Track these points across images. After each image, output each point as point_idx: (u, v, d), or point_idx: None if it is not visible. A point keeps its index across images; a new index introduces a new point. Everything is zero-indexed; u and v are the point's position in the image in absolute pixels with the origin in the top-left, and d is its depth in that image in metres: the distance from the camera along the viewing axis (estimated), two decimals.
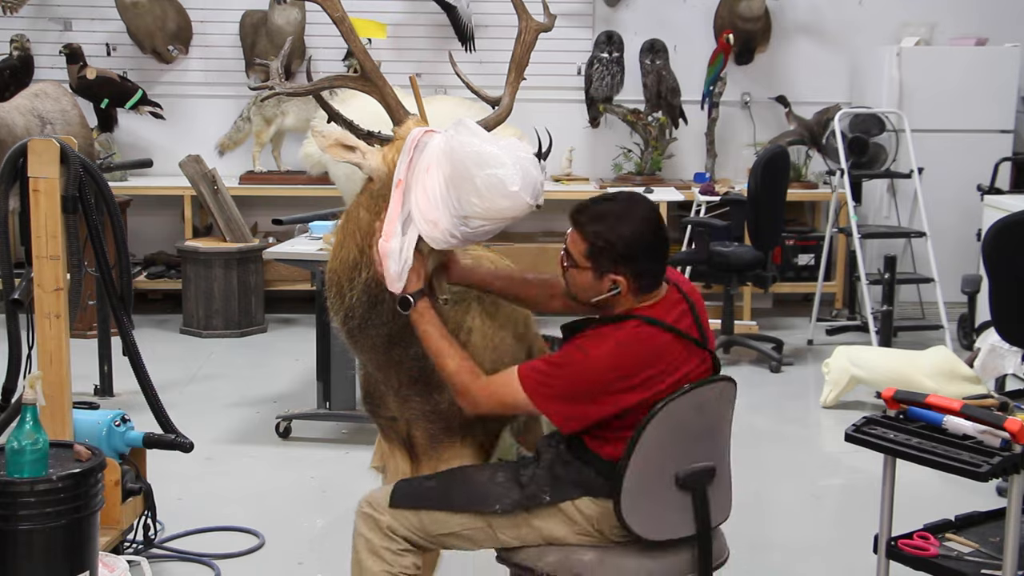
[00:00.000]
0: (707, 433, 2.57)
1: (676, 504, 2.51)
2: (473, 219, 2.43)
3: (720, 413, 2.60)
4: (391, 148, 2.57)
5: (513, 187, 2.40)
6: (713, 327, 6.23)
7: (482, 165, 2.40)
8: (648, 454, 2.45)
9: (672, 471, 2.49)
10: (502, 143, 2.45)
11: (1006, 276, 3.99)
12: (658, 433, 2.45)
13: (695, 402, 2.50)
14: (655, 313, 2.50)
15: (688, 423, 2.50)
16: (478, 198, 2.41)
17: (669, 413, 2.44)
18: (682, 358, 2.50)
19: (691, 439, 2.52)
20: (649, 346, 2.47)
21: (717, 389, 2.57)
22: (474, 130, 2.47)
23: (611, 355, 2.44)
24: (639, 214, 2.50)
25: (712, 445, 2.58)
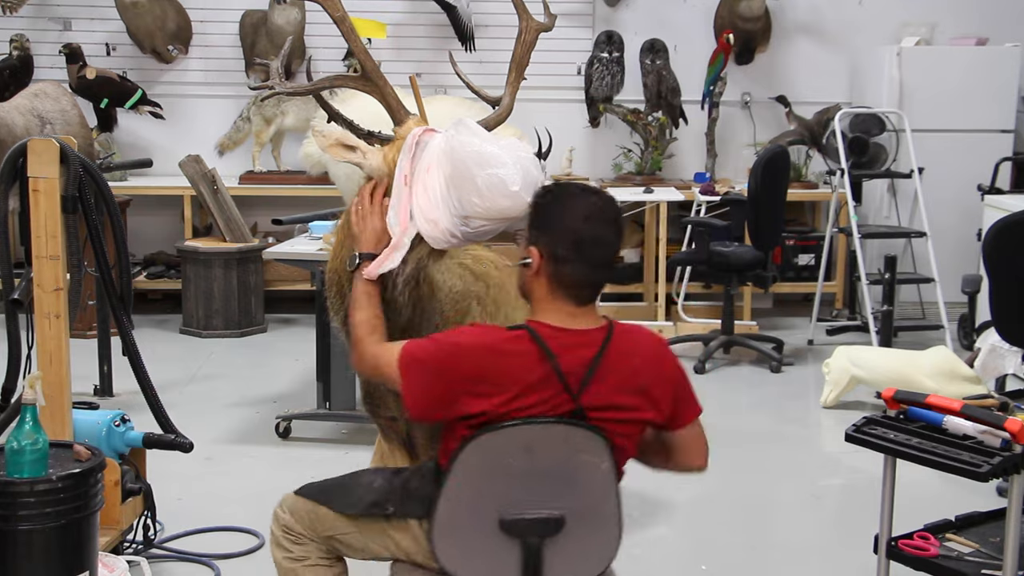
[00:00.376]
0: (550, 481, 2.30)
1: (501, 550, 2.30)
2: (474, 219, 2.44)
3: (574, 461, 2.30)
4: (391, 148, 2.57)
5: (514, 187, 2.40)
6: (713, 327, 6.33)
7: (483, 165, 2.40)
8: (462, 483, 2.28)
9: (494, 512, 2.29)
10: (502, 143, 2.45)
11: (1006, 276, 3.99)
12: (473, 464, 2.27)
13: (521, 441, 2.27)
14: (548, 334, 2.28)
15: (512, 464, 2.27)
16: (479, 198, 2.41)
17: (484, 446, 2.26)
18: (538, 386, 2.26)
19: (520, 482, 2.29)
20: (515, 363, 2.26)
21: (560, 434, 2.28)
22: (474, 130, 2.47)
23: (477, 351, 2.26)
24: (592, 204, 2.30)
25: (563, 496, 2.31)
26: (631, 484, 4.27)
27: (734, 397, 5.65)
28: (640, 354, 2.37)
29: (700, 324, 6.68)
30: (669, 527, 4.01)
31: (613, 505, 2.37)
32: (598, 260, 2.32)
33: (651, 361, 2.38)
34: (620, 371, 2.32)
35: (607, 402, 2.31)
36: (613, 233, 2.32)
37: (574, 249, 2.29)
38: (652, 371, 2.38)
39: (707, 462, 2.58)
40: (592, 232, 2.29)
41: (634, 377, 2.34)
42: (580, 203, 2.31)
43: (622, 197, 6.62)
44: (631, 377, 2.33)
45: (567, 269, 2.30)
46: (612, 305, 6.95)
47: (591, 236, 2.29)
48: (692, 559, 3.76)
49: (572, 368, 2.28)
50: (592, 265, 2.32)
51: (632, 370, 2.34)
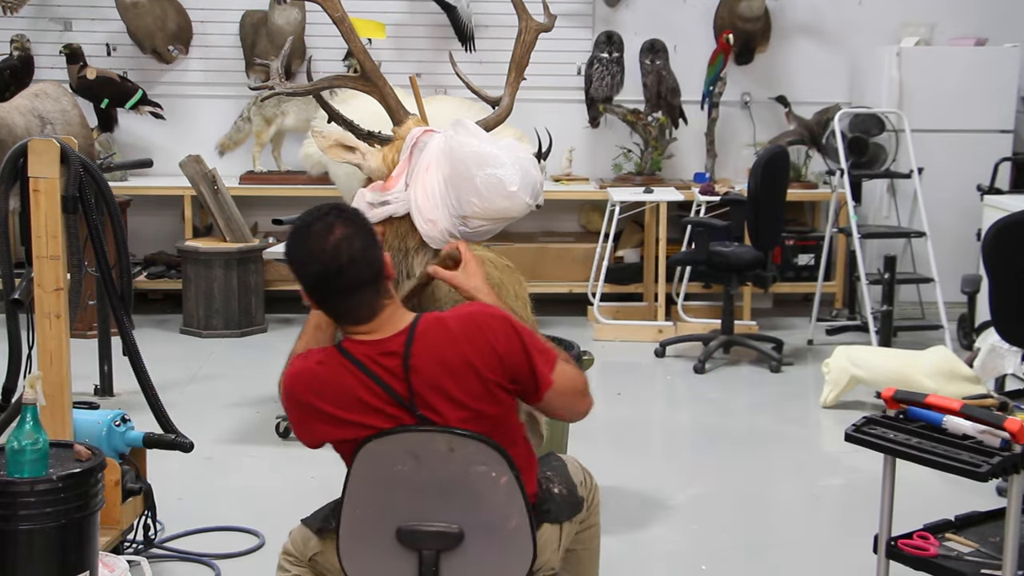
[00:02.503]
0: (443, 492, 2.26)
1: (398, 562, 2.29)
2: (472, 219, 2.44)
3: (466, 473, 2.25)
4: (391, 148, 2.58)
5: (512, 187, 2.40)
6: (713, 327, 6.33)
7: (482, 165, 2.40)
8: (359, 494, 2.29)
9: (392, 522, 2.27)
10: (501, 143, 2.46)
11: (1006, 276, 3.99)
12: (366, 472, 2.27)
13: (408, 448, 2.25)
14: (356, 349, 2.29)
15: (403, 471, 2.26)
16: (477, 198, 2.41)
17: (373, 453, 2.26)
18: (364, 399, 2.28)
19: (413, 492, 2.27)
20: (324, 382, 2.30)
21: (444, 442, 2.24)
22: (473, 130, 2.48)
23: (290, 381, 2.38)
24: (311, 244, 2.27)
25: (459, 509, 2.27)
26: (631, 484, 4.30)
27: (734, 397, 5.65)
28: (453, 341, 2.27)
29: (700, 324, 6.68)
30: (669, 527, 4.01)
31: (521, 523, 2.27)
32: (334, 285, 2.27)
33: (469, 344, 2.26)
34: (433, 372, 2.25)
35: (441, 408, 2.26)
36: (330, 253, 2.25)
37: (315, 288, 2.30)
38: (474, 355, 2.26)
39: (589, 408, 2.42)
40: (315, 271, 2.27)
41: (450, 374, 2.26)
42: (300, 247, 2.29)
43: (622, 197, 6.64)
44: (448, 373, 2.26)
45: (326, 305, 2.33)
46: (612, 305, 6.95)
47: (317, 273, 2.27)
48: (692, 559, 3.77)
49: (392, 381, 2.26)
50: (335, 297, 2.29)
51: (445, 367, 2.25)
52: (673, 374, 6.03)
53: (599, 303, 6.72)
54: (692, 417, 5.41)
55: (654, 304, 6.80)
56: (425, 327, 2.28)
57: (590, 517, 2.66)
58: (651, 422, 5.39)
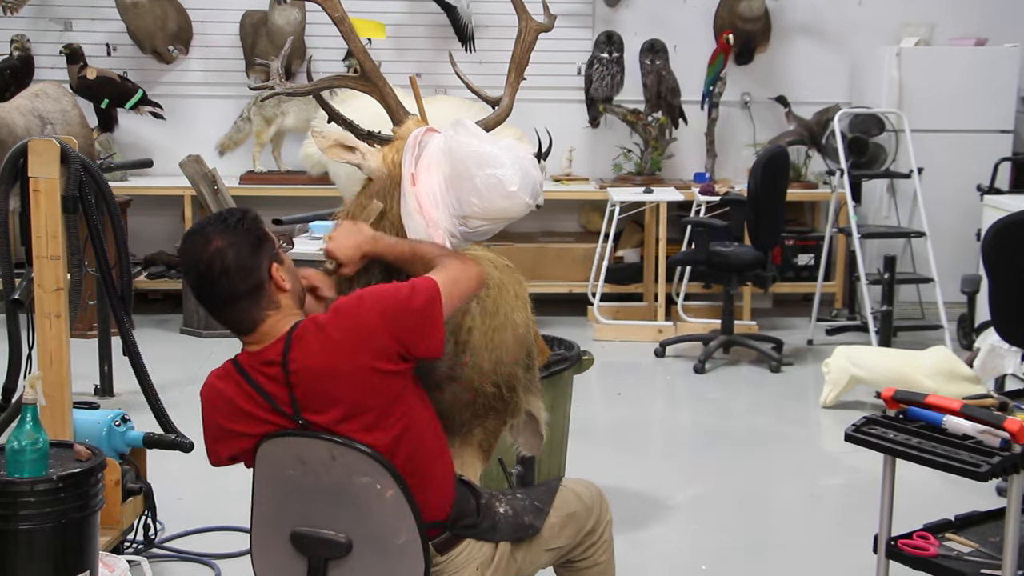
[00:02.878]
0: (331, 499, 2.26)
1: (290, 566, 2.30)
2: (472, 219, 2.44)
3: (350, 483, 2.23)
4: (391, 148, 2.57)
5: (512, 187, 2.40)
6: (713, 327, 6.34)
7: (481, 165, 2.40)
8: (261, 494, 2.32)
9: (288, 525, 2.29)
10: (501, 143, 2.45)
11: (1006, 276, 3.99)
12: (262, 473, 2.31)
13: (295, 453, 2.25)
14: (243, 359, 2.32)
15: (292, 475, 2.26)
16: (477, 198, 2.41)
17: (267, 455, 2.29)
18: (247, 410, 2.28)
19: (303, 496, 2.27)
20: (219, 395, 2.32)
21: (326, 450, 2.22)
22: (473, 130, 2.48)
23: (201, 396, 2.37)
24: (190, 254, 2.33)
25: (348, 519, 2.25)
26: (631, 484, 4.29)
27: (734, 397, 5.65)
28: (330, 343, 2.24)
29: (700, 324, 6.68)
30: (669, 527, 4.01)
31: (411, 538, 2.23)
32: (213, 301, 2.32)
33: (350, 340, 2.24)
34: (313, 376, 2.23)
35: (328, 418, 2.24)
36: (206, 272, 2.29)
37: (200, 302, 2.35)
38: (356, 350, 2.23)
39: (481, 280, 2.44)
40: (194, 278, 2.32)
41: (330, 376, 2.23)
42: (182, 255, 2.35)
43: (622, 197, 6.65)
44: (328, 376, 2.23)
45: (212, 316, 2.37)
46: (612, 305, 6.96)
47: (195, 283, 2.33)
48: (692, 559, 3.77)
49: (273, 389, 2.25)
50: (216, 307, 2.33)
51: (324, 370, 2.23)
52: (673, 374, 6.03)
53: (599, 303, 6.72)
54: (692, 417, 5.41)
55: (654, 304, 6.80)
56: (301, 332, 2.26)
57: (590, 553, 2.59)
58: (651, 422, 5.39)
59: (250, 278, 2.27)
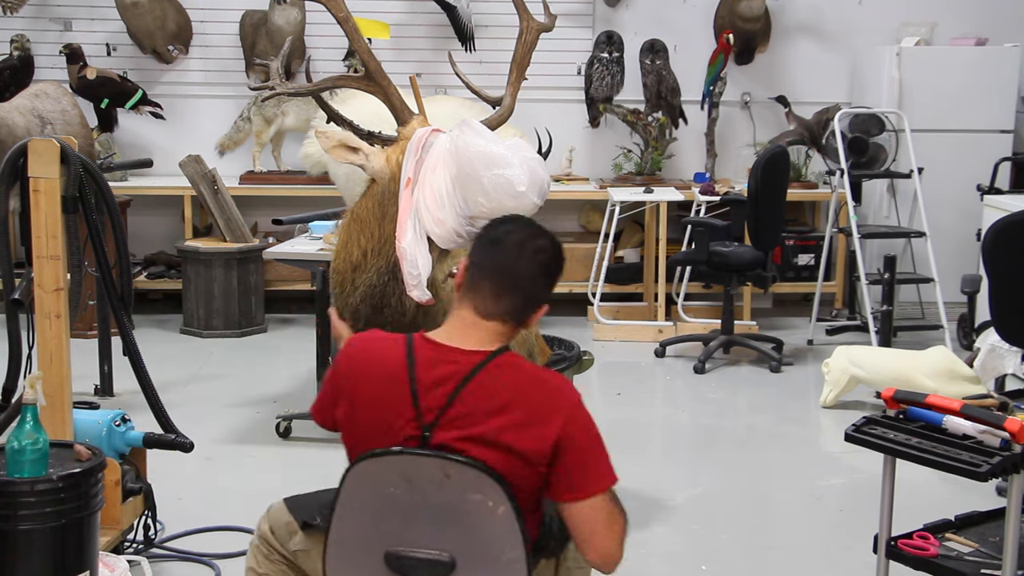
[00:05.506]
0: (435, 517, 2.17)
1: None
2: (479, 219, 2.43)
3: (462, 500, 2.15)
4: (395, 149, 2.57)
5: (520, 187, 2.40)
6: (713, 327, 6.33)
7: (490, 165, 2.40)
8: (350, 512, 2.21)
9: (380, 546, 2.19)
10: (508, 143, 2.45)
11: (1006, 276, 3.99)
12: (358, 491, 2.19)
13: (401, 471, 2.16)
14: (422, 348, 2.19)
15: (395, 494, 2.17)
16: (485, 198, 2.41)
17: (367, 473, 2.18)
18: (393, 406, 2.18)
19: (404, 514, 2.18)
20: (384, 357, 2.19)
21: (439, 468, 2.14)
22: (479, 130, 2.47)
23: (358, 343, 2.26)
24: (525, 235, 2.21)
25: (452, 537, 2.17)
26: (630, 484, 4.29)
27: (734, 397, 5.65)
28: (520, 393, 2.15)
29: (700, 324, 6.68)
30: (669, 527, 4.01)
31: (517, 556, 2.15)
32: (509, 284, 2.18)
33: (536, 406, 2.14)
34: (480, 406, 2.13)
35: (456, 437, 2.14)
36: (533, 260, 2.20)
37: (491, 267, 2.18)
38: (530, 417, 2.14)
39: (609, 556, 2.19)
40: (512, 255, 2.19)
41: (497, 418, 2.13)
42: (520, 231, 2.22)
43: (622, 197, 6.64)
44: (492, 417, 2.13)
45: (477, 278, 2.19)
46: (612, 305, 6.95)
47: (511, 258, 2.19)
48: (692, 559, 3.76)
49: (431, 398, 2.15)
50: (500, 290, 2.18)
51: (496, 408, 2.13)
52: (673, 374, 6.03)
53: (599, 303, 6.72)
54: (692, 417, 5.41)
55: (654, 304, 6.80)
56: (503, 366, 2.16)
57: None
58: (651, 422, 5.39)
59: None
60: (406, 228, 2.45)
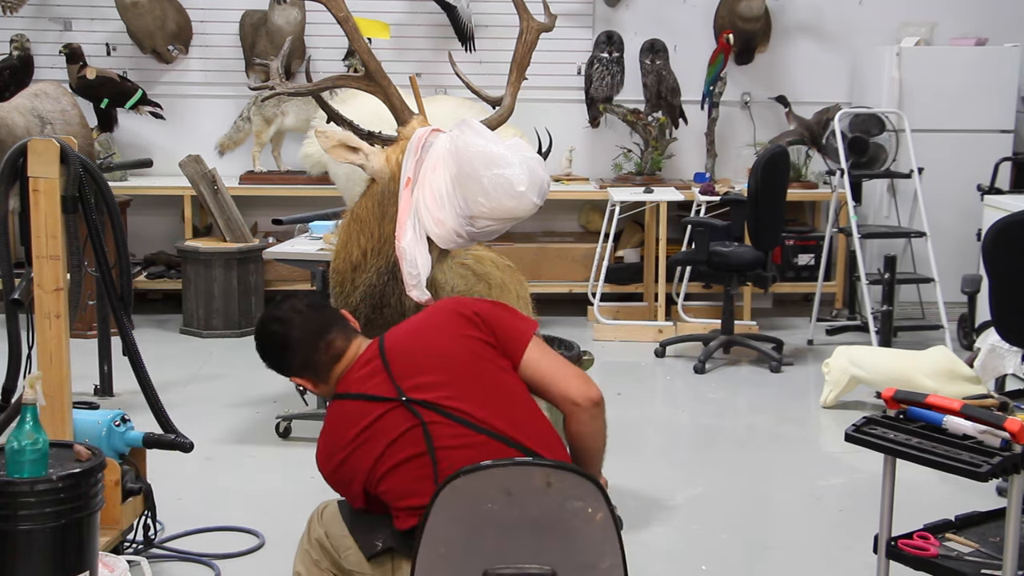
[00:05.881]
0: (535, 529, 2.13)
1: None
2: (479, 219, 2.43)
3: (561, 510, 2.14)
4: (395, 149, 2.57)
5: (520, 187, 2.39)
6: (713, 327, 6.33)
7: (489, 165, 2.40)
8: (441, 536, 2.14)
9: (477, 566, 2.13)
10: (508, 143, 2.45)
11: (1006, 276, 3.99)
12: (452, 510, 2.13)
13: (501, 484, 2.13)
14: (342, 385, 2.41)
15: (493, 509, 2.12)
16: (485, 198, 2.40)
17: (461, 490, 2.13)
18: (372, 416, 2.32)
19: (502, 531, 2.13)
20: (336, 422, 2.39)
21: (541, 477, 2.13)
22: (479, 130, 2.47)
23: (319, 446, 2.45)
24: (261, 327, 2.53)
25: (552, 549, 2.14)
26: (630, 484, 4.29)
27: (734, 397, 5.65)
28: (420, 328, 2.34)
29: (700, 324, 6.68)
30: (669, 527, 4.01)
31: (615, 562, 2.16)
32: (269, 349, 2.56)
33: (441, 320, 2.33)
34: (408, 353, 2.31)
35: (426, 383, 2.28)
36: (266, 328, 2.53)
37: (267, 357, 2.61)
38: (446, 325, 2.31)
39: (589, 389, 2.45)
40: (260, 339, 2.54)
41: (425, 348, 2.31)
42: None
43: (622, 197, 6.64)
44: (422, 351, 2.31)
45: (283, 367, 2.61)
46: (612, 305, 6.95)
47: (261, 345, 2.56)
48: (692, 559, 3.76)
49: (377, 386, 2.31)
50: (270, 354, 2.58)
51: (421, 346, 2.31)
52: (673, 374, 6.03)
53: (599, 303, 6.72)
54: (692, 417, 5.40)
55: (654, 304, 6.79)
56: (395, 330, 2.37)
57: None
58: (651, 422, 5.38)
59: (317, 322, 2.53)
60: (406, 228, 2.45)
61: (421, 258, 2.43)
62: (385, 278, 2.53)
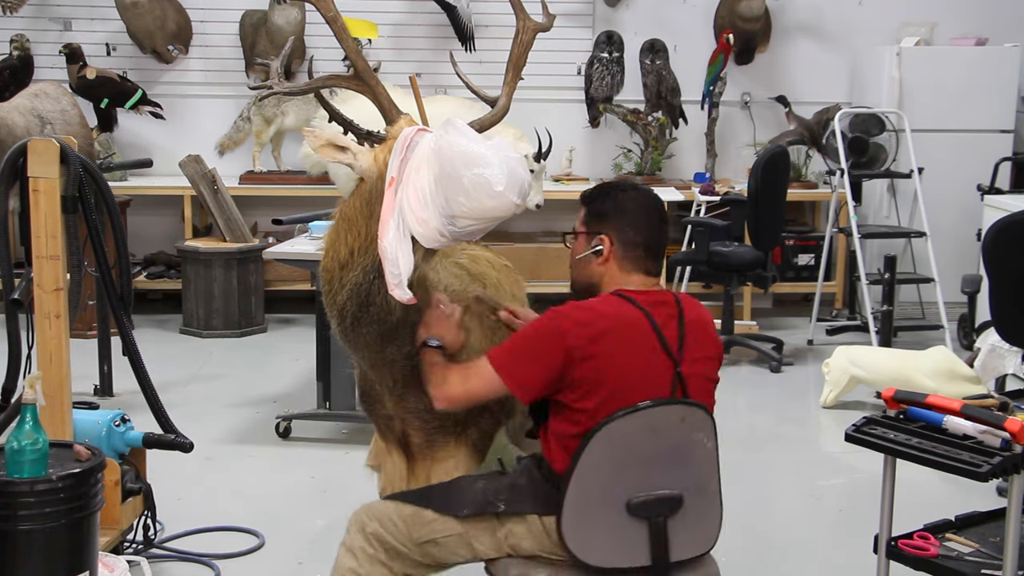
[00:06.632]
0: (669, 460, 2.43)
1: (629, 532, 2.40)
2: (460, 219, 2.42)
3: (688, 440, 2.44)
4: (382, 148, 2.56)
5: (498, 187, 2.38)
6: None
7: (469, 165, 2.39)
8: (590, 474, 2.37)
9: (622, 496, 2.39)
10: (491, 143, 2.44)
11: (1006, 276, 3.99)
12: (602, 452, 2.37)
13: (647, 424, 2.39)
14: (636, 296, 2.49)
15: (639, 446, 2.39)
16: (465, 197, 2.39)
17: (613, 433, 2.36)
18: (646, 349, 2.44)
19: (645, 464, 2.40)
20: (616, 312, 2.44)
21: (678, 414, 2.42)
22: (462, 130, 2.46)
23: (576, 308, 2.45)
24: (644, 196, 2.59)
25: (679, 474, 2.44)
26: None
27: (734, 397, 5.65)
28: (707, 323, 2.58)
29: None
30: None
31: (717, 482, 2.50)
32: (658, 240, 2.58)
33: (711, 330, 2.58)
34: (699, 338, 2.50)
35: (696, 371, 2.49)
36: (663, 214, 2.63)
37: (640, 233, 2.54)
38: (714, 340, 2.58)
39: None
40: (652, 216, 2.57)
41: (709, 344, 2.55)
42: (637, 195, 2.59)
43: None
44: (708, 344, 2.54)
45: (633, 247, 2.54)
46: None
47: (652, 220, 2.57)
48: None
49: (668, 333, 2.46)
50: (655, 246, 2.57)
51: (707, 337, 2.54)
52: None
53: None
54: None
55: None
56: (686, 299, 2.56)
57: None
58: None
59: None
60: (388, 227, 2.45)
61: (403, 258, 2.43)
62: (371, 277, 2.52)
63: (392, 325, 2.57)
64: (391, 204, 2.46)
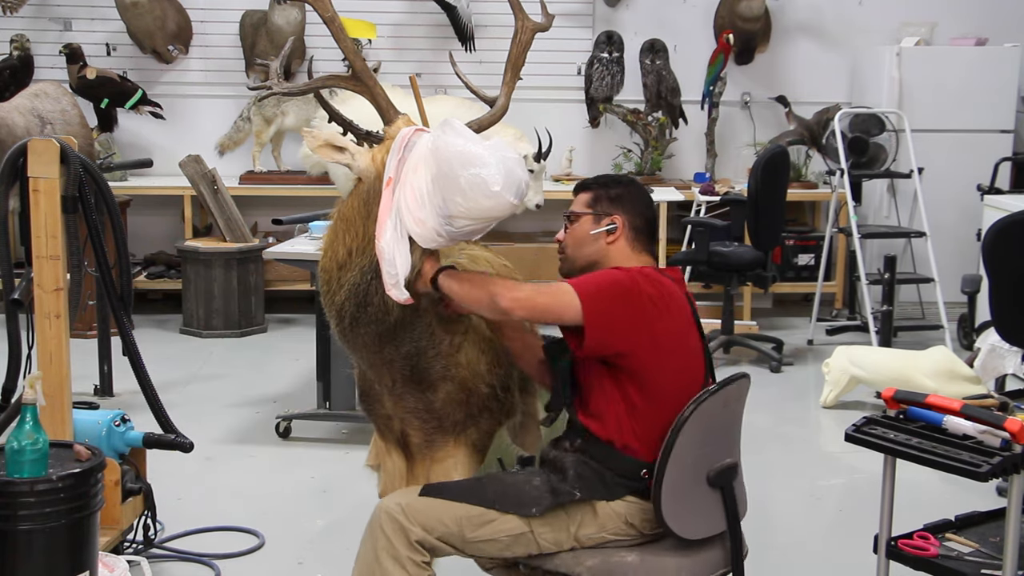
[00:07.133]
0: (728, 430, 2.64)
1: (708, 502, 2.57)
2: (457, 219, 2.42)
3: (738, 410, 2.68)
4: (380, 148, 2.56)
5: (495, 187, 2.38)
6: (713, 327, 6.33)
7: (466, 165, 2.39)
8: (686, 453, 2.49)
9: (704, 470, 2.55)
10: (488, 143, 2.44)
11: (1006, 276, 3.99)
12: (696, 431, 2.50)
13: (722, 399, 2.56)
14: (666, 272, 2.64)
15: (715, 420, 2.56)
16: (462, 197, 2.39)
17: (701, 412, 2.49)
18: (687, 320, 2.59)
19: (718, 436, 2.59)
20: (666, 280, 2.58)
21: (741, 386, 2.67)
22: (460, 130, 2.46)
23: (638, 270, 2.56)
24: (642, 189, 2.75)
25: (731, 441, 2.65)
26: None
27: None
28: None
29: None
30: None
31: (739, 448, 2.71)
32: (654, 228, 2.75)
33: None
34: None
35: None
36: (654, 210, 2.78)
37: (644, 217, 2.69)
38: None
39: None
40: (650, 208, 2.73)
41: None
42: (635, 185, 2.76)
43: None
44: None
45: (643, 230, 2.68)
46: None
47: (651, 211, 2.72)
48: None
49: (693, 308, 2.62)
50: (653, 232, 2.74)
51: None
52: None
53: None
54: None
55: None
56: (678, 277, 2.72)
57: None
58: None
59: None
60: (385, 227, 2.45)
61: (400, 258, 2.43)
62: (369, 277, 2.52)
63: (390, 325, 2.58)
64: (388, 204, 2.46)
